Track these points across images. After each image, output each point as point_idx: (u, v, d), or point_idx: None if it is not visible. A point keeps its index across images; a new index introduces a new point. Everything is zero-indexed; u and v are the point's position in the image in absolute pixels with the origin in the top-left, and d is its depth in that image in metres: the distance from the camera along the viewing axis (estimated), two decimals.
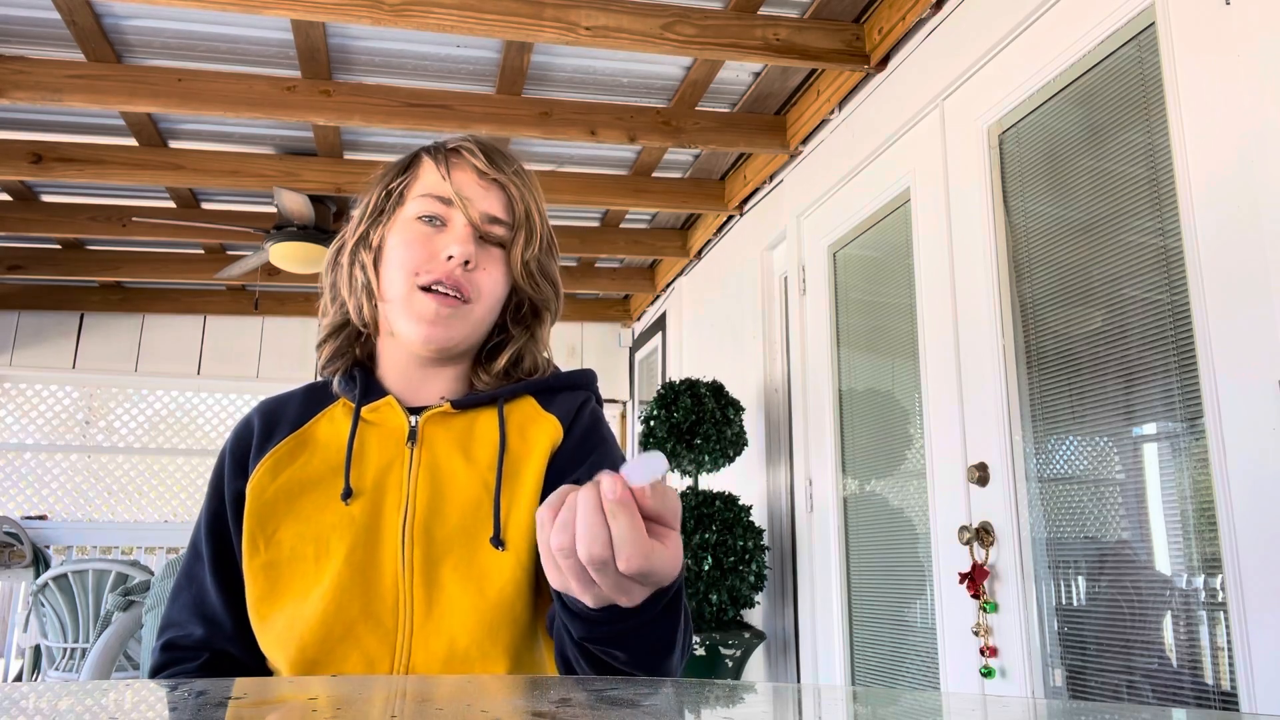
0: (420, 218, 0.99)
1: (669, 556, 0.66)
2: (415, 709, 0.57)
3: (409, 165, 1.04)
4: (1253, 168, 1.58)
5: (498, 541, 0.93)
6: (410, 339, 0.98)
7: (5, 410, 5.57)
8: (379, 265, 1.01)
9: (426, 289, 0.96)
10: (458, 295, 0.96)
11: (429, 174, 1.01)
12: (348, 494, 0.95)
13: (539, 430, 1.00)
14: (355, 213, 1.06)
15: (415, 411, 1.00)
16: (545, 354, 1.08)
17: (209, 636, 0.98)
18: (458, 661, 0.92)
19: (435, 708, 0.59)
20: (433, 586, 0.92)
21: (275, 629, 0.93)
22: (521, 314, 1.06)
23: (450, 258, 0.96)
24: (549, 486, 0.97)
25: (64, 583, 3.60)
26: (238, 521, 0.97)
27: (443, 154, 1.02)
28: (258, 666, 0.99)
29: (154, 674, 0.99)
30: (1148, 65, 1.84)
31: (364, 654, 0.91)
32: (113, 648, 2.11)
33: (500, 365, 1.03)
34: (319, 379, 1.08)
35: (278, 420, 1.02)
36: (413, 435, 0.98)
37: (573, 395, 1.06)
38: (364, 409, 1.00)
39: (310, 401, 1.04)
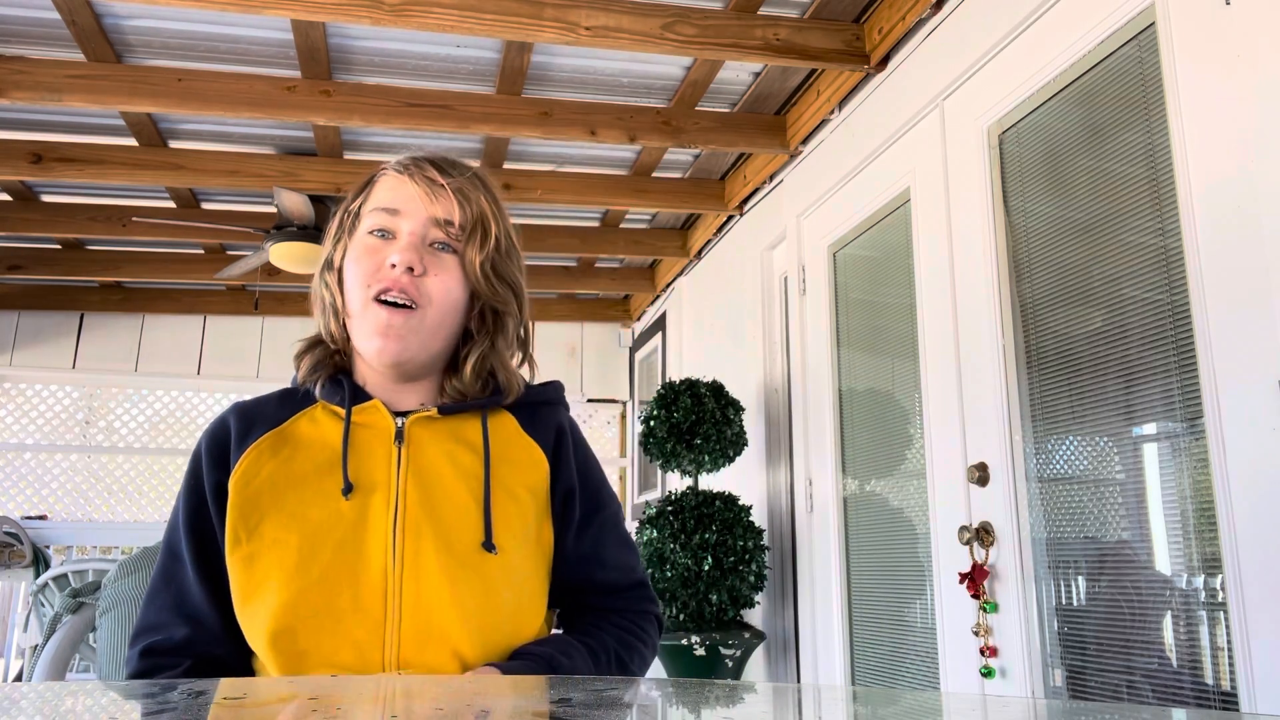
0: (371, 232, 1.02)
1: None
2: (415, 709, 0.57)
3: (365, 186, 1.08)
4: (1252, 167, 1.58)
5: (489, 545, 0.97)
6: (368, 354, 1.02)
7: (5, 410, 5.56)
8: (341, 284, 1.04)
9: (379, 300, 0.99)
10: (408, 303, 0.99)
11: (379, 190, 1.05)
12: (348, 489, 0.97)
13: (523, 454, 1.06)
14: (325, 240, 1.10)
15: (399, 416, 1.03)
16: (513, 368, 1.10)
17: (192, 637, 0.98)
18: (446, 653, 0.94)
19: (435, 708, 0.59)
20: (421, 580, 0.95)
21: (259, 618, 0.94)
22: (485, 321, 1.07)
23: (394, 265, 0.98)
24: (558, 512, 1.06)
25: (64, 583, 3.60)
26: (220, 514, 0.99)
27: (397, 168, 1.06)
28: (242, 668, 0.99)
29: (134, 680, 0.97)
30: (1148, 65, 1.84)
31: (355, 645, 0.92)
32: (64, 652, 2.08)
33: (466, 374, 1.05)
34: (295, 386, 1.10)
35: (254, 419, 1.04)
36: (400, 435, 1.01)
37: (549, 414, 1.11)
38: (353, 410, 1.02)
39: (286, 404, 1.07)
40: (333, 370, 1.07)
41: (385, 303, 0.99)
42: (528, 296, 1.11)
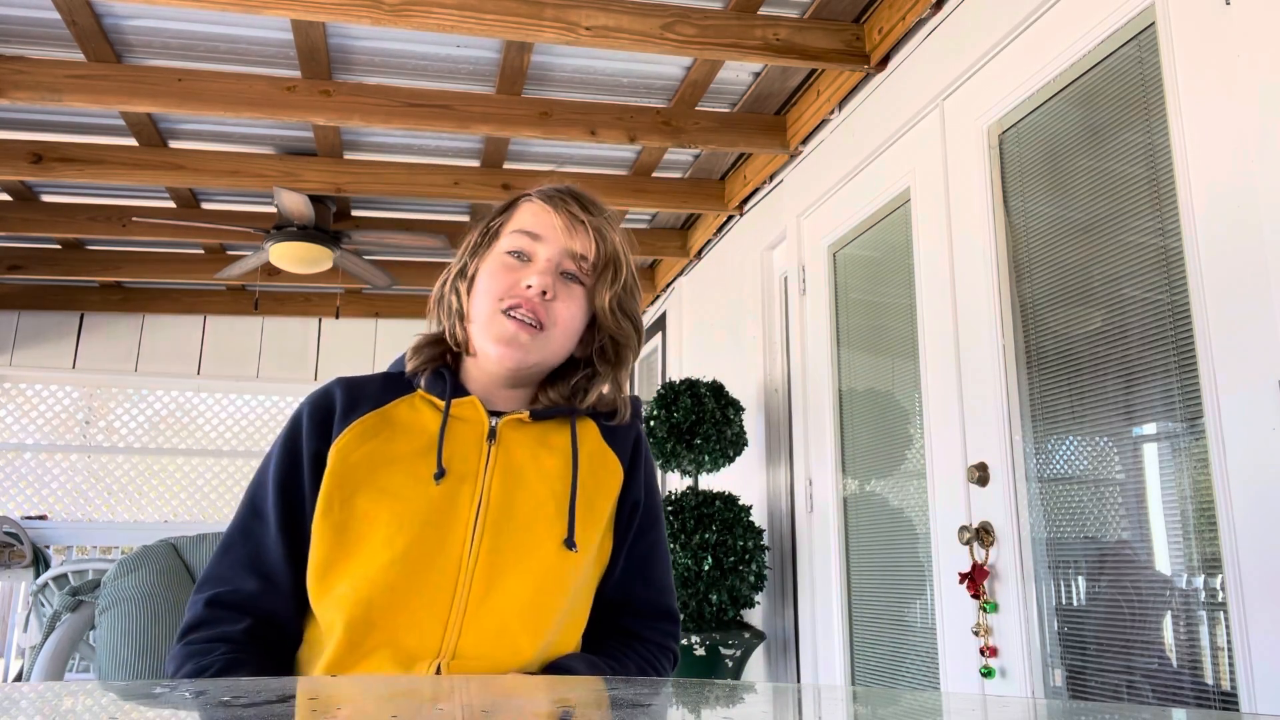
0: (510, 252, 1.09)
1: None
2: (416, 709, 0.57)
3: (509, 207, 1.15)
4: (1252, 167, 1.58)
5: (571, 543, 1.03)
6: (489, 356, 1.08)
7: (5, 410, 5.56)
8: (471, 293, 1.11)
9: (508, 314, 1.06)
10: (535, 323, 1.06)
11: (523, 214, 1.12)
12: (440, 474, 1.02)
13: (605, 467, 1.12)
14: (460, 248, 1.17)
15: (493, 415, 1.09)
16: (624, 395, 1.17)
17: (260, 592, 1.01)
18: (505, 648, 0.98)
19: (436, 707, 0.59)
20: (493, 573, 1.00)
21: (340, 586, 0.98)
22: (605, 353, 1.14)
23: (529, 287, 1.05)
24: (621, 520, 1.12)
25: (64, 582, 3.59)
26: (315, 481, 1.03)
27: (542, 198, 1.13)
28: (299, 632, 1.03)
29: (193, 629, 0.99)
30: (1148, 65, 1.84)
31: (418, 626, 0.96)
32: (63, 651, 2.09)
33: (589, 400, 1.13)
34: (398, 370, 1.14)
35: (359, 396, 1.09)
36: (492, 434, 1.07)
37: (628, 427, 1.17)
38: (452, 404, 1.08)
39: (389, 388, 1.11)
40: (440, 363, 1.12)
41: (514, 318, 1.06)
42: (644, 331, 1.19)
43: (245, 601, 1.00)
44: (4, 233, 4.30)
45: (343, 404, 1.07)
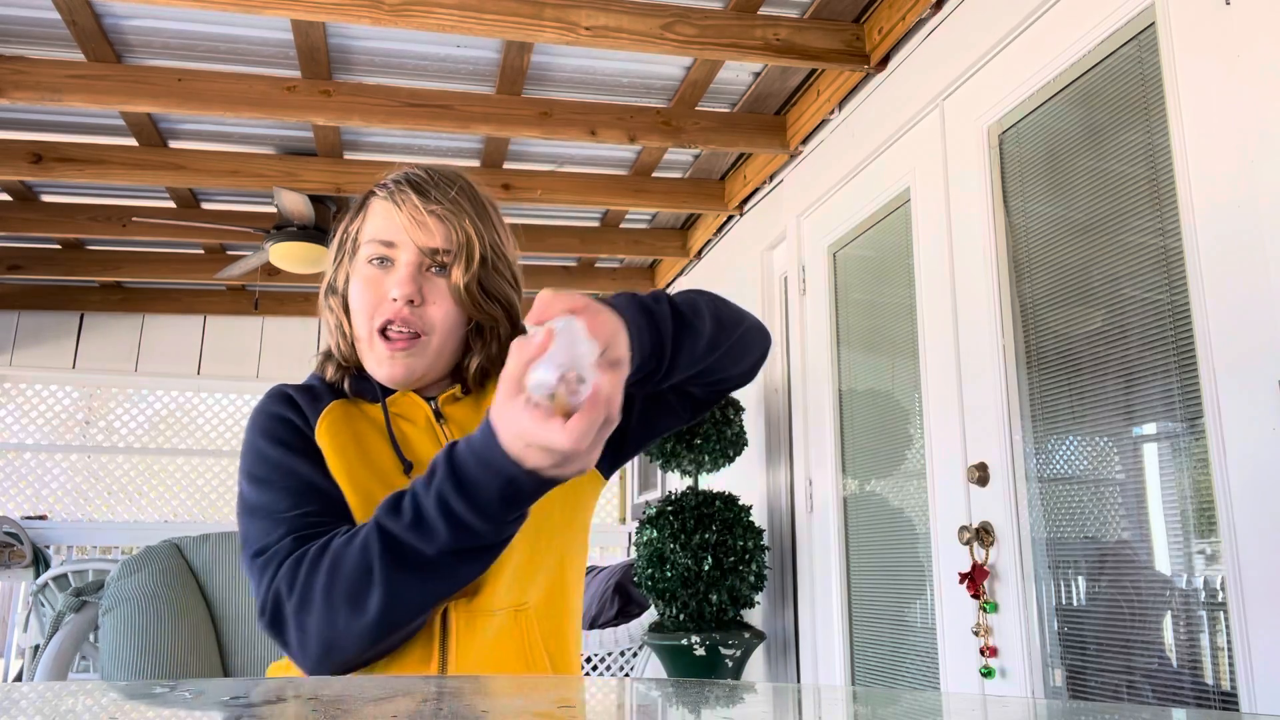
0: (370, 260, 1.05)
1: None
2: (415, 709, 0.57)
3: (359, 209, 1.10)
4: (1253, 167, 1.58)
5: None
6: (379, 378, 1.05)
7: (5, 410, 5.56)
8: (348, 310, 1.08)
9: (383, 332, 1.03)
10: (411, 333, 1.03)
11: (375, 217, 1.07)
12: (409, 467, 1.01)
13: None
14: (328, 254, 1.13)
15: (428, 399, 1.08)
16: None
17: (324, 510, 0.96)
18: (494, 607, 0.97)
19: (435, 707, 0.59)
20: None
21: None
22: (483, 335, 1.09)
23: (395, 300, 1.02)
24: None
25: (64, 583, 3.60)
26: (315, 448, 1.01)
27: (385, 194, 1.07)
28: None
29: (285, 556, 0.92)
30: (1148, 65, 1.84)
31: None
32: (66, 651, 2.08)
33: (470, 383, 1.09)
34: (319, 379, 1.11)
35: (309, 394, 1.07)
36: (439, 416, 1.06)
37: None
38: (387, 400, 1.06)
39: (323, 392, 1.09)
40: (356, 368, 1.09)
41: (389, 337, 1.03)
42: (521, 300, 1.12)
43: (321, 521, 0.94)
44: (4, 233, 4.30)
45: (303, 398, 1.05)
